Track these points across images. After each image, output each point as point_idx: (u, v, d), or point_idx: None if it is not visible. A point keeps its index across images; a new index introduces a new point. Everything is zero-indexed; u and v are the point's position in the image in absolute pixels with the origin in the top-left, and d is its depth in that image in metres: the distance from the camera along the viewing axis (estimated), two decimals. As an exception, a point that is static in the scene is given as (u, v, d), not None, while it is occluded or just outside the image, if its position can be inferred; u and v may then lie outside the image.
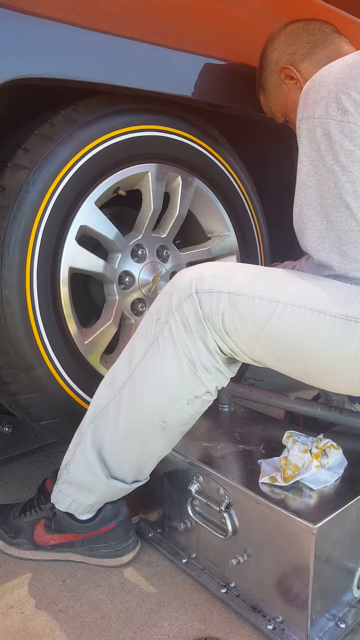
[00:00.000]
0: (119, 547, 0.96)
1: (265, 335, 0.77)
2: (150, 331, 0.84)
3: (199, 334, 0.80)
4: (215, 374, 0.83)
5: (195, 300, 0.80)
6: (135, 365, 0.85)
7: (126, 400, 0.86)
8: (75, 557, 0.98)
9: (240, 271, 0.81)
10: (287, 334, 0.76)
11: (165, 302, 0.84)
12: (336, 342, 0.74)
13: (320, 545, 0.75)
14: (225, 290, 0.79)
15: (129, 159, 1.12)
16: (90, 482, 0.91)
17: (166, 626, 0.83)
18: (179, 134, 1.19)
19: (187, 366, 0.82)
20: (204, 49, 1.12)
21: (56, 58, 0.90)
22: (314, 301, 0.75)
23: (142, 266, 1.19)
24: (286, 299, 0.76)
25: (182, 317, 0.81)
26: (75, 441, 0.92)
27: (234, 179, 1.32)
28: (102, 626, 0.84)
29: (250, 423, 1.10)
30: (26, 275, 0.97)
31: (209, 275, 0.81)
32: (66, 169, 1.01)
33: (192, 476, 0.93)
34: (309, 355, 0.77)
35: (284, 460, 0.87)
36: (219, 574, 0.91)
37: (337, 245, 0.79)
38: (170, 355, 0.82)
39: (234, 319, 0.78)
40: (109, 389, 0.89)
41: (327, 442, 0.89)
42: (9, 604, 0.88)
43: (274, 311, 0.76)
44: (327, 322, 0.74)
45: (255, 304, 0.77)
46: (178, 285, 0.83)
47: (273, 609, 0.82)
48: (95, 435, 0.89)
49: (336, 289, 0.77)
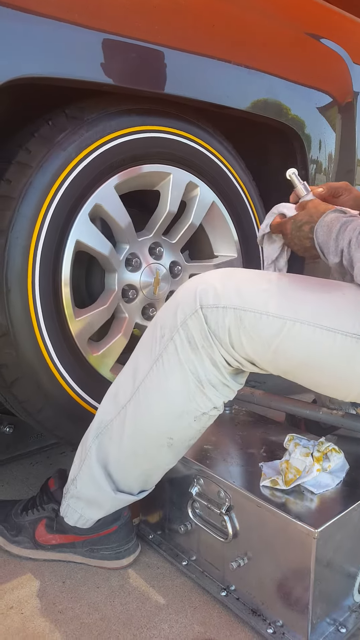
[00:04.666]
0: (120, 549, 0.96)
1: (272, 351, 0.75)
2: (154, 348, 0.81)
3: (205, 350, 0.78)
4: (222, 389, 0.81)
5: (200, 316, 0.77)
6: (139, 382, 0.83)
7: (131, 417, 0.84)
8: (75, 557, 0.97)
9: (247, 283, 0.78)
10: (295, 352, 0.74)
11: (169, 317, 0.80)
12: (346, 360, 0.72)
13: (321, 550, 0.75)
14: (230, 305, 0.76)
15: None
16: (98, 496, 0.90)
17: (166, 628, 0.83)
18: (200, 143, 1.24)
19: (193, 384, 0.79)
20: (230, 56, 1.13)
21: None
22: (324, 319, 0.72)
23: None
24: (295, 316, 0.73)
25: (187, 334, 0.78)
26: (80, 456, 0.91)
27: (247, 200, 1.35)
28: (102, 628, 0.83)
29: (251, 426, 1.09)
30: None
31: (213, 289, 0.77)
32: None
33: (192, 479, 0.93)
34: (318, 372, 0.75)
35: (285, 463, 0.87)
36: (219, 576, 0.90)
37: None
38: (176, 373, 0.80)
39: (241, 334, 0.75)
40: (112, 405, 0.87)
41: (328, 445, 0.89)
42: (8, 604, 0.88)
43: (282, 329, 0.73)
44: (338, 340, 0.71)
45: (262, 321, 0.74)
46: (182, 300, 0.79)
47: (273, 612, 0.81)
48: (101, 451, 0.88)
49: (347, 305, 0.73)
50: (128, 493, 0.92)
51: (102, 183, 1.07)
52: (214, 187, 1.29)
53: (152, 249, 1.21)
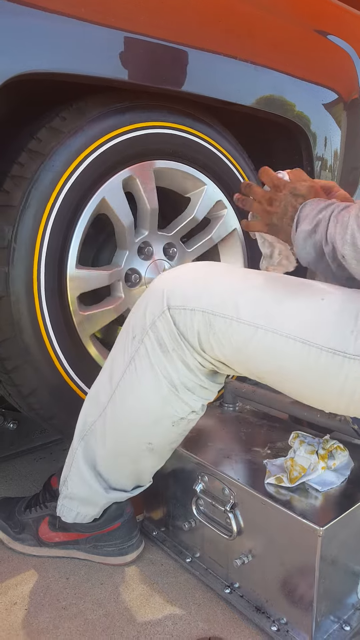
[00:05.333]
0: (123, 545, 0.96)
1: (244, 358, 0.71)
2: (127, 349, 0.78)
3: (177, 353, 0.74)
4: (200, 392, 0.78)
5: (168, 317, 0.73)
6: (115, 384, 0.81)
7: (110, 419, 0.83)
8: (79, 554, 0.98)
9: (220, 282, 0.73)
10: (267, 362, 0.70)
11: (139, 318, 0.77)
12: (321, 375, 0.67)
13: (326, 547, 0.75)
14: (199, 307, 0.71)
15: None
16: (90, 496, 0.90)
17: (170, 625, 0.83)
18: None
19: (167, 388, 0.76)
20: (236, 53, 1.13)
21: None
22: (298, 330, 0.67)
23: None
24: (267, 324, 0.68)
25: (157, 336, 0.75)
26: (69, 459, 0.91)
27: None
28: (106, 624, 0.83)
29: (255, 423, 1.09)
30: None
31: (181, 288, 0.73)
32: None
33: (197, 476, 0.93)
34: (291, 383, 0.71)
35: (290, 461, 0.86)
36: (223, 574, 0.90)
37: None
38: (148, 377, 0.76)
39: (210, 339, 0.71)
40: (94, 406, 0.86)
41: (333, 443, 0.88)
42: (12, 600, 0.88)
43: (253, 337, 0.68)
44: (312, 353, 0.66)
45: (233, 327, 0.69)
46: (150, 299, 0.76)
47: (277, 610, 0.81)
48: (87, 452, 0.88)
49: (325, 315, 0.67)
50: (121, 490, 0.91)
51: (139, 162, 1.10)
52: (239, 216, 1.31)
53: (166, 249, 1.22)
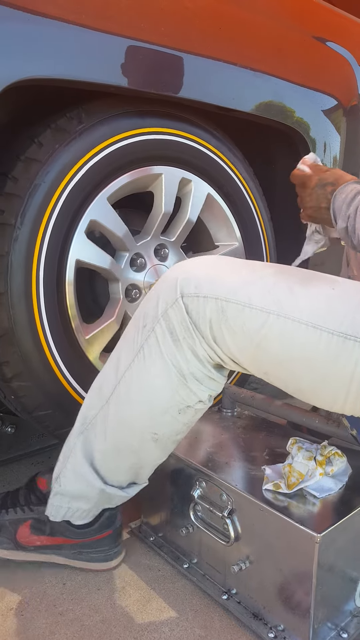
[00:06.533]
0: (110, 552, 0.95)
1: (254, 346, 0.71)
2: (136, 338, 0.79)
3: (187, 342, 0.75)
4: (208, 383, 0.78)
5: (181, 305, 0.74)
6: (121, 375, 0.80)
7: (114, 411, 0.82)
8: (58, 559, 0.95)
9: (232, 271, 0.75)
10: (278, 348, 0.70)
11: (150, 307, 0.78)
12: (332, 360, 0.68)
13: (323, 554, 0.75)
14: (212, 294, 0.72)
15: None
16: (86, 492, 0.89)
17: (167, 631, 0.83)
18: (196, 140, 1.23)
19: (176, 377, 0.77)
20: (219, 54, 1.13)
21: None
22: (310, 314, 0.68)
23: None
24: (279, 310, 0.69)
25: (168, 324, 0.75)
26: (64, 454, 0.89)
27: (245, 190, 1.34)
28: (102, 630, 0.83)
29: (254, 428, 1.09)
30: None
31: (195, 276, 0.74)
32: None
33: (195, 481, 0.93)
34: (301, 371, 0.71)
35: (288, 467, 0.86)
36: (220, 580, 0.90)
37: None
38: (158, 366, 0.77)
39: (222, 326, 0.72)
40: (96, 399, 0.85)
41: (331, 449, 0.88)
42: (9, 605, 0.88)
43: (265, 323, 0.69)
44: (323, 338, 0.67)
45: (245, 313, 0.70)
46: (163, 288, 0.77)
47: (275, 616, 0.81)
48: (86, 447, 0.87)
49: (337, 301, 0.69)
50: (118, 487, 0.90)
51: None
52: (208, 179, 1.27)
53: (157, 250, 1.22)
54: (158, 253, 1.22)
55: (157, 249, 1.21)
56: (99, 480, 0.88)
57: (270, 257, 1.42)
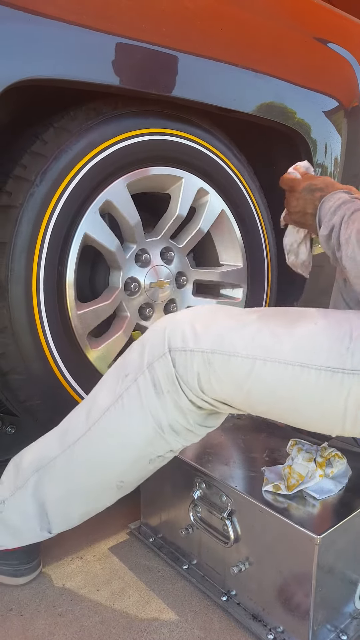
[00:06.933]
0: (19, 567, 0.92)
1: (245, 393, 0.71)
2: (115, 387, 0.78)
3: (171, 395, 0.74)
4: (185, 435, 0.78)
5: (168, 359, 0.73)
6: (93, 422, 0.79)
7: (79, 457, 0.81)
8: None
9: (216, 321, 0.75)
10: (268, 392, 0.70)
11: (135, 357, 0.77)
12: (322, 396, 0.67)
13: (323, 556, 0.75)
14: (198, 348, 0.72)
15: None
16: (22, 530, 0.88)
17: (166, 633, 0.83)
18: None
19: (152, 429, 0.76)
20: (237, 60, 1.14)
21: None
22: (295, 354, 0.68)
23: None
24: (264, 355, 0.69)
25: (153, 377, 0.75)
26: (12, 480, 0.87)
27: (257, 214, 1.36)
28: (102, 631, 0.83)
29: (254, 429, 1.09)
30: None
31: (182, 331, 0.74)
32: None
33: (194, 482, 0.93)
34: (295, 409, 0.71)
35: (288, 468, 0.86)
36: (220, 581, 0.90)
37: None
38: (136, 417, 0.76)
39: (211, 378, 0.72)
40: (59, 440, 0.83)
41: (331, 451, 0.88)
42: (8, 606, 0.88)
43: (252, 369, 0.69)
44: (312, 375, 0.67)
45: (232, 362, 0.70)
46: (151, 341, 0.76)
47: (274, 618, 0.81)
48: (39, 488, 0.85)
49: (321, 336, 0.69)
50: (53, 533, 0.89)
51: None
52: (225, 197, 1.30)
53: (163, 253, 1.22)
54: (164, 255, 1.22)
55: (164, 251, 1.22)
56: (42, 527, 0.87)
57: (271, 282, 1.43)
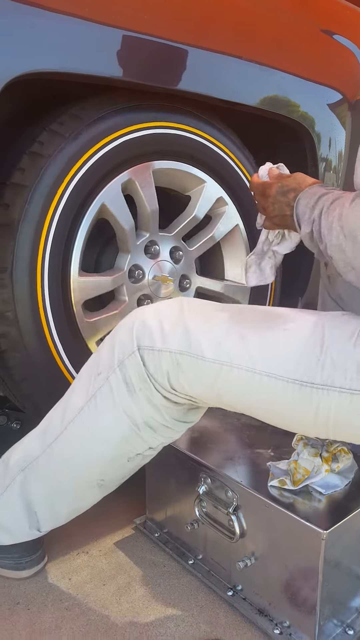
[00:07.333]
0: (21, 560, 0.92)
1: (215, 395, 0.71)
2: (89, 386, 0.77)
3: (144, 393, 0.73)
4: (162, 431, 0.77)
5: (138, 358, 0.72)
6: (68, 421, 0.79)
7: (58, 456, 0.81)
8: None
9: (185, 320, 0.72)
10: (237, 397, 0.69)
11: (107, 355, 0.76)
12: (292, 407, 0.65)
13: (329, 551, 0.75)
14: (166, 348, 0.71)
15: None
16: (13, 529, 0.88)
17: (172, 627, 0.83)
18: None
19: (128, 427, 0.76)
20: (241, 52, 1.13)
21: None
22: (263, 363, 0.65)
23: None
24: (231, 361, 0.67)
25: (124, 375, 0.74)
26: (2, 479, 0.87)
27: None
28: (108, 625, 0.83)
29: (258, 425, 1.09)
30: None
31: (149, 329, 0.73)
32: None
33: (199, 477, 0.92)
34: (266, 416, 0.71)
35: (293, 463, 0.86)
36: (225, 576, 0.90)
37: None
38: (110, 415, 0.76)
39: (180, 378, 0.71)
40: (40, 440, 0.83)
41: (337, 446, 0.88)
42: (15, 600, 0.88)
43: (219, 374, 0.68)
44: (279, 386, 0.65)
45: (199, 365, 0.69)
46: (120, 338, 0.75)
47: (280, 613, 0.81)
48: (25, 487, 0.85)
49: (291, 344, 0.65)
50: (43, 532, 0.90)
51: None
52: (242, 213, 1.32)
53: (172, 251, 1.22)
54: (173, 254, 1.21)
55: (173, 250, 1.22)
56: (31, 525, 0.88)
57: (274, 300, 1.43)
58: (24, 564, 0.93)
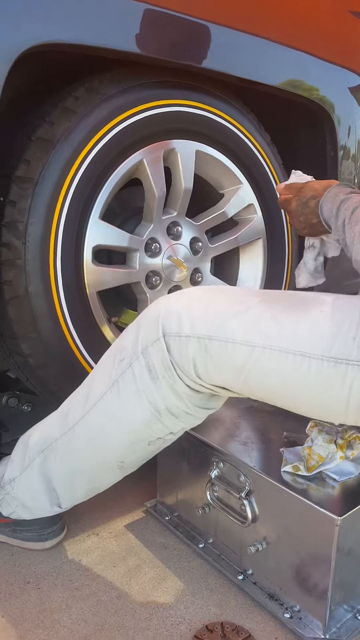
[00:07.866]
0: (43, 532, 0.95)
1: (242, 379, 0.70)
2: (111, 372, 0.77)
3: (167, 380, 0.73)
4: (184, 418, 0.77)
5: (162, 345, 0.72)
6: (91, 405, 0.79)
7: (79, 439, 0.82)
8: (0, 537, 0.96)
9: (214, 305, 0.73)
10: (267, 380, 0.68)
11: (130, 341, 0.76)
12: (324, 387, 0.65)
13: (343, 537, 0.74)
14: (194, 334, 0.70)
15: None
16: (34, 506, 0.90)
17: (182, 609, 0.83)
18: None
19: (149, 413, 0.76)
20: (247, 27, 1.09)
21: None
22: (296, 342, 0.65)
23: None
24: (263, 342, 0.66)
25: (147, 362, 0.74)
26: (21, 459, 0.89)
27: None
28: (118, 605, 0.84)
29: (272, 410, 1.08)
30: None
31: (177, 315, 0.72)
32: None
33: (212, 461, 0.92)
34: (294, 398, 0.69)
35: (307, 449, 0.85)
36: (236, 560, 0.90)
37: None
38: (132, 401, 0.76)
39: (207, 364, 0.70)
40: (60, 423, 0.84)
41: (352, 433, 0.87)
42: (25, 579, 0.89)
43: (250, 356, 0.67)
44: (313, 365, 0.64)
45: (229, 348, 0.68)
46: (145, 324, 0.75)
47: (291, 597, 0.81)
48: (44, 467, 0.87)
49: (326, 324, 0.65)
50: (63, 508, 0.91)
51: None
52: (267, 224, 1.31)
53: (192, 241, 1.21)
54: (193, 243, 1.20)
55: (193, 241, 1.20)
56: (52, 501, 0.89)
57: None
58: (46, 535, 0.95)
